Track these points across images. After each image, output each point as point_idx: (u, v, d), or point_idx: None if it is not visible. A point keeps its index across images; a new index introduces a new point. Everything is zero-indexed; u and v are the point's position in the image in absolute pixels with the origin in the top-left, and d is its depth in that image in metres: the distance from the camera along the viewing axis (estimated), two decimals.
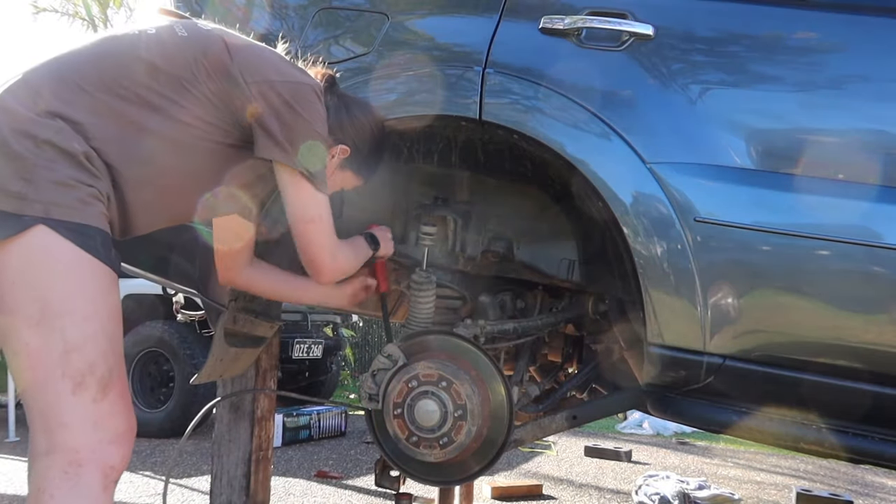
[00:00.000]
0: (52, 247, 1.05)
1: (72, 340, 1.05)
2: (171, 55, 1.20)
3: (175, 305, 4.82)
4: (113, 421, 1.08)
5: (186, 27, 1.25)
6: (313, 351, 5.73)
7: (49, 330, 1.04)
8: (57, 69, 1.15)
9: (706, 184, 1.37)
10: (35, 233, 1.04)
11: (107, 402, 1.07)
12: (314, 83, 1.32)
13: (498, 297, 1.85)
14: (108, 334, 1.09)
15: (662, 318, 1.39)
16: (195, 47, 1.22)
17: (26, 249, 1.04)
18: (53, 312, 1.04)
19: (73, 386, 1.05)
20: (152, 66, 1.18)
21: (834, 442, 1.39)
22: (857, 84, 1.40)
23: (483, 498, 3.47)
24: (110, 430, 1.07)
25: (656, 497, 3.42)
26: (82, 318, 1.06)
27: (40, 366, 1.04)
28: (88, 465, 1.04)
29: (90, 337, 1.06)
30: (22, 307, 1.04)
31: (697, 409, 1.47)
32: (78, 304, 1.06)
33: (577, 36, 1.47)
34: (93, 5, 10.99)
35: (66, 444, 1.04)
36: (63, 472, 1.03)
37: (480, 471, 1.63)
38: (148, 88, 1.17)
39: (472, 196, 1.78)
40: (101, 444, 1.06)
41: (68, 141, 1.07)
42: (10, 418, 4.57)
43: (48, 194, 1.04)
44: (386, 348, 1.62)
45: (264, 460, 2.05)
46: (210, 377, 1.74)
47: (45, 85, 1.12)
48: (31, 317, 1.04)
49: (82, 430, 1.05)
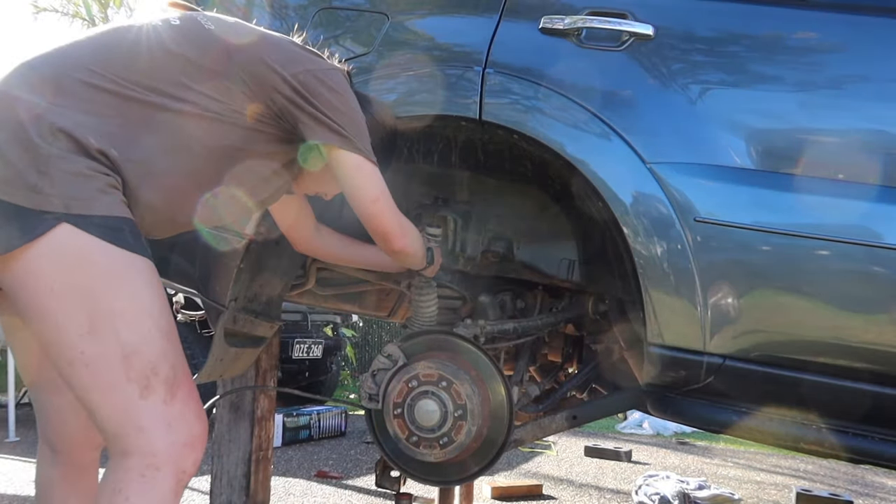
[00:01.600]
0: (85, 248, 1.00)
1: (128, 343, 1.02)
2: (203, 47, 1.16)
3: (175, 305, 4.82)
4: (186, 422, 1.06)
5: (211, 19, 1.22)
6: (313, 351, 5.73)
7: (102, 336, 1.01)
8: (69, 60, 1.09)
9: (706, 184, 1.37)
10: (61, 233, 0.99)
11: (178, 403, 1.05)
12: (343, 69, 1.32)
13: (498, 297, 1.85)
14: (162, 330, 1.06)
15: (662, 318, 1.39)
16: (225, 39, 1.18)
17: (58, 253, 0.99)
18: (103, 317, 1.01)
19: (141, 389, 1.02)
20: (183, 59, 1.14)
21: (834, 442, 1.39)
22: (857, 84, 1.40)
23: (483, 498, 3.47)
24: (184, 432, 1.06)
25: (656, 497, 3.42)
26: (133, 317, 1.03)
27: (101, 373, 1.02)
28: (165, 469, 1.03)
29: (145, 336, 1.03)
30: (68, 316, 1.00)
31: (697, 409, 1.47)
32: (125, 304, 1.03)
33: (577, 36, 1.47)
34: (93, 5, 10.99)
35: (143, 448, 1.03)
36: (141, 475, 1.02)
37: (480, 471, 1.63)
38: (176, 83, 1.13)
39: (472, 196, 1.78)
40: (176, 447, 1.04)
41: (84, 135, 1.02)
42: (10, 418, 4.56)
43: (65, 187, 0.99)
44: (386, 348, 1.62)
45: (264, 460, 2.05)
46: (210, 377, 1.74)
47: (59, 76, 1.07)
48: (81, 325, 1.00)
49: (158, 433, 1.03)
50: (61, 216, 0.98)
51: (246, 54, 1.19)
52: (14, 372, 4.72)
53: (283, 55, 1.22)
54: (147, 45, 1.14)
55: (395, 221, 1.36)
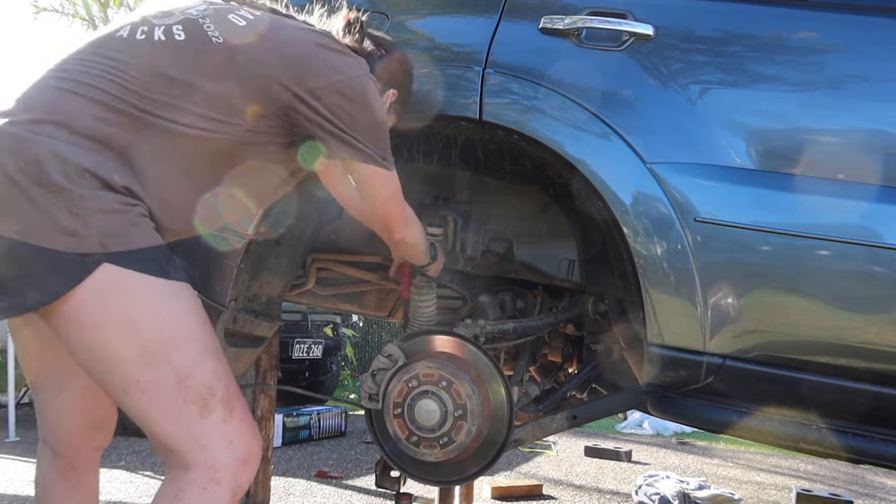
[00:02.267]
0: (126, 283, 1.02)
1: (182, 368, 1.04)
2: (210, 73, 1.12)
3: None
4: (245, 440, 1.10)
5: (219, 29, 1.15)
6: (313, 351, 5.73)
7: (155, 364, 1.03)
8: (61, 87, 1.06)
9: (706, 184, 1.37)
10: (103, 274, 1.00)
11: (235, 421, 1.09)
12: (363, 66, 1.25)
13: (498, 297, 1.85)
14: (210, 350, 1.09)
15: (662, 318, 1.39)
16: (232, 52, 1.13)
17: (99, 292, 1.00)
18: (153, 347, 1.03)
19: (200, 410, 1.06)
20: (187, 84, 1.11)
21: (834, 442, 1.39)
22: (857, 84, 1.40)
23: (483, 498, 3.47)
24: (244, 448, 1.09)
25: (656, 497, 3.42)
26: (182, 343, 1.06)
27: (159, 399, 1.04)
28: (225, 483, 1.07)
29: (197, 360, 1.06)
30: (118, 350, 1.02)
31: (697, 409, 1.47)
32: (173, 331, 1.05)
33: (577, 36, 1.47)
34: (93, 5, 10.99)
35: (206, 463, 1.06)
36: (203, 488, 1.05)
37: (480, 471, 1.63)
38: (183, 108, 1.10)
39: (472, 196, 1.78)
40: (236, 464, 1.08)
41: (109, 172, 1.02)
42: (11, 418, 4.56)
43: (100, 226, 0.99)
44: (386, 348, 1.62)
45: (264, 460, 2.05)
46: None
47: (62, 105, 1.04)
48: (132, 356, 1.02)
49: (219, 449, 1.07)
50: (100, 257, 0.99)
51: (257, 74, 1.14)
52: (14, 372, 4.72)
53: (299, 70, 1.16)
54: (151, 68, 1.10)
55: (400, 215, 1.41)
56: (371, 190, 1.33)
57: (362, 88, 1.21)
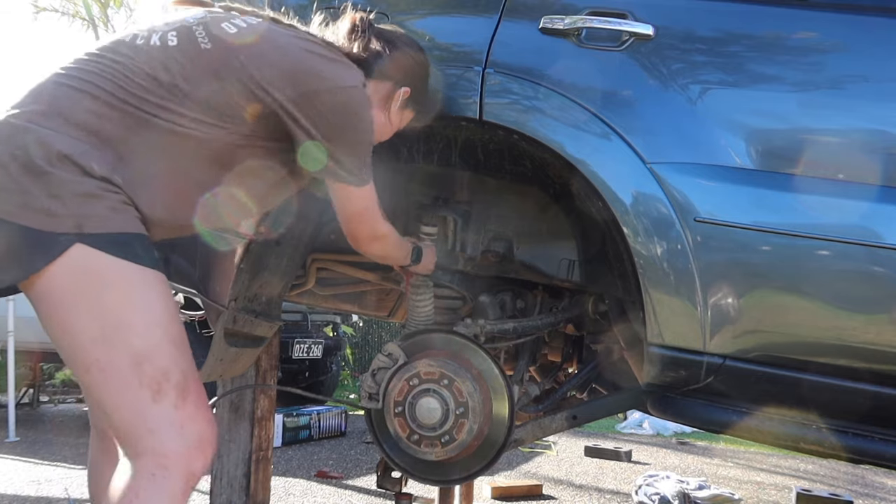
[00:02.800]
0: (96, 263, 1.05)
1: (139, 351, 1.06)
2: (188, 65, 1.15)
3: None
4: (197, 426, 1.10)
5: (210, 37, 1.18)
6: (313, 351, 5.73)
7: (113, 345, 1.06)
8: (64, 83, 1.12)
9: (706, 184, 1.37)
10: (75, 253, 1.04)
11: (189, 407, 1.09)
12: (354, 77, 1.25)
13: (498, 297, 1.85)
14: (172, 339, 1.10)
15: (662, 318, 1.39)
16: (219, 58, 1.17)
17: (70, 271, 1.04)
18: (114, 328, 1.06)
19: (153, 394, 1.07)
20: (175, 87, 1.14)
21: (834, 442, 1.39)
22: (857, 84, 1.40)
23: (483, 498, 3.47)
24: (195, 435, 1.10)
25: (656, 497, 3.42)
26: (144, 327, 1.08)
27: (114, 379, 1.06)
28: (174, 469, 1.07)
29: (156, 345, 1.08)
30: (82, 328, 1.06)
31: (697, 409, 1.47)
32: (136, 315, 1.07)
33: (577, 36, 1.47)
34: (93, 5, 10.99)
35: (154, 449, 1.07)
36: (151, 475, 1.06)
37: (480, 470, 1.63)
38: (173, 109, 1.14)
39: (472, 196, 1.78)
40: (187, 450, 1.08)
41: (88, 161, 1.06)
42: (10, 418, 4.57)
43: (77, 207, 1.04)
44: (386, 347, 1.62)
45: (264, 460, 2.06)
46: (210, 377, 1.73)
47: (58, 100, 1.09)
48: (94, 336, 1.05)
49: (168, 435, 1.07)
50: (74, 237, 1.04)
51: (242, 78, 1.17)
52: (14, 372, 4.72)
53: (283, 76, 1.18)
54: (145, 69, 1.14)
55: (367, 231, 1.41)
56: (339, 204, 1.34)
57: (346, 98, 1.22)
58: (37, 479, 3.46)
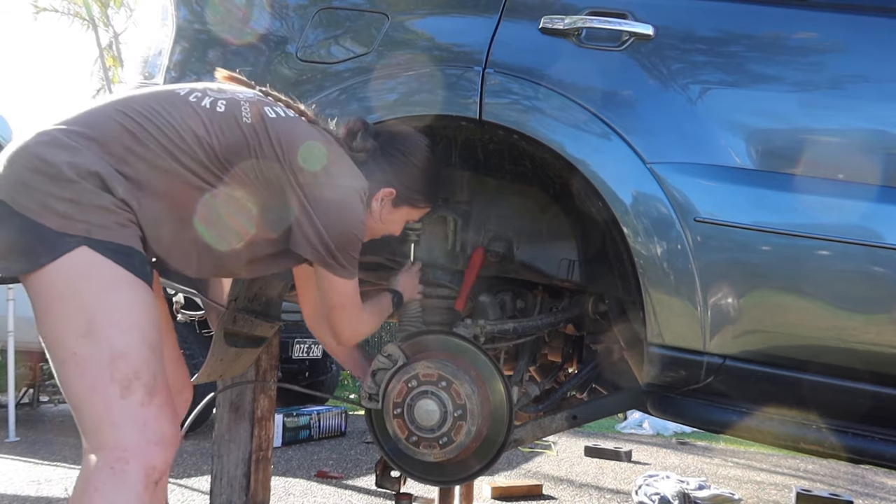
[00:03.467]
0: (96, 264, 1.13)
1: (118, 348, 1.12)
2: (230, 137, 1.25)
3: (175, 305, 4.80)
4: (159, 424, 1.15)
5: (252, 114, 1.29)
6: (313, 351, 5.72)
7: (96, 340, 1.11)
8: (116, 119, 1.20)
9: (706, 184, 1.37)
10: (78, 254, 1.12)
11: (153, 406, 1.15)
12: (357, 180, 1.35)
13: (498, 297, 1.85)
14: (149, 344, 1.16)
15: (662, 318, 1.39)
16: (253, 136, 1.27)
17: (71, 267, 1.11)
18: (100, 324, 1.12)
19: (121, 390, 1.12)
20: (209, 145, 1.24)
21: (834, 442, 1.39)
22: (857, 84, 1.40)
23: (483, 498, 3.47)
24: (156, 432, 1.14)
25: (656, 497, 3.42)
26: (126, 328, 1.14)
27: (89, 372, 1.12)
28: (133, 463, 1.11)
29: (134, 345, 1.14)
30: (69, 320, 1.12)
31: (697, 409, 1.47)
32: (122, 316, 1.14)
33: (577, 36, 1.47)
34: (93, 5, 10.99)
35: (114, 443, 1.12)
36: (110, 467, 1.11)
37: (480, 470, 1.63)
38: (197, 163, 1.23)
39: (472, 196, 1.78)
40: (147, 445, 1.13)
41: (113, 182, 1.15)
42: (10, 418, 4.57)
43: (91, 216, 1.12)
44: (386, 348, 1.62)
45: (264, 460, 2.06)
46: (210, 377, 1.74)
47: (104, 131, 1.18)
48: (79, 328, 1.11)
49: (130, 430, 1.12)
50: (82, 239, 1.12)
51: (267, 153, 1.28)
52: (14, 372, 4.72)
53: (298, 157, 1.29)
54: (188, 124, 1.24)
55: (348, 324, 1.50)
56: (324, 293, 1.43)
57: (343, 195, 1.32)
58: (37, 479, 3.46)
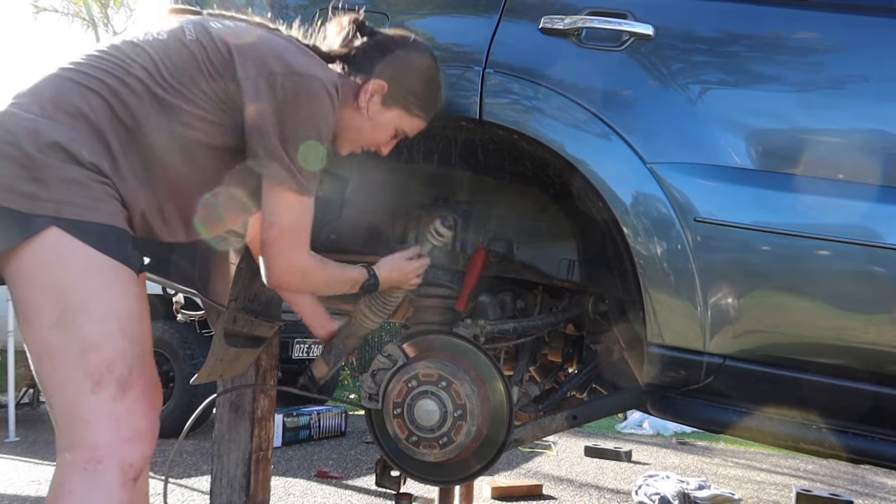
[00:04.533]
0: (67, 249, 1.07)
1: (90, 340, 1.07)
2: (177, 59, 1.19)
3: (175, 305, 4.82)
4: (132, 419, 1.11)
5: (196, 30, 1.23)
6: (313, 351, 5.72)
7: (68, 330, 1.07)
8: (61, 75, 1.15)
9: (706, 184, 1.37)
10: (49, 235, 1.06)
11: (127, 401, 1.10)
12: (320, 70, 1.25)
13: (498, 297, 1.85)
14: (126, 334, 1.11)
15: (662, 318, 1.39)
16: (201, 50, 1.21)
17: (42, 253, 1.06)
18: (72, 314, 1.07)
19: (93, 385, 1.08)
20: (156, 68, 1.18)
21: (834, 442, 1.39)
22: (857, 84, 1.40)
23: (483, 498, 3.47)
24: (130, 428, 1.10)
25: (656, 497, 3.42)
26: (100, 318, 1.08)
27: (61, 365, 1.07)
28: (107, 462, 1.07)
29: (108, 336, 1.09)
30: (42, 309, 1.07)
31: (697, 409, 1.47)
32: (95, 305, 1.08)
33: (577, 36, 1.47)
34: (93, 5, 10.99)
35: (86, 441, 1.07)
36: (83, 468, 1.06)
37: (480, 470, 1.63)
38: (154, 88, 1.17)
39: (472, 196, 1.78)
40: (119, 442, 1.09)
41: (78, 148, 1.08)
42: (10, 418, 4.57)
43: (60, 193, 1.06)
44: (386, 348, 1.62)
45: (264, 460, 2.06)
46: (210, 377, 1.74)
47: (53, 90, 1.12)
48: (51, 318, 1.07)
49: (102, 427, 1.08)
50: (52, 220, 1.06)
51: (215, 63, 1.20)
52: (14, 372, 4.72)
53: (249, 60, 1.21)
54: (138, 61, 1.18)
55: (282, 261, 1.29)
56: (269, 208, 1.24)
57: (304, 89, 1.20)
58: (37, 479, 3.46)
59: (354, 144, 1.41)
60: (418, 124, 1.43)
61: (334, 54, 1.35)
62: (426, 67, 1.40)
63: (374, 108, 1.36)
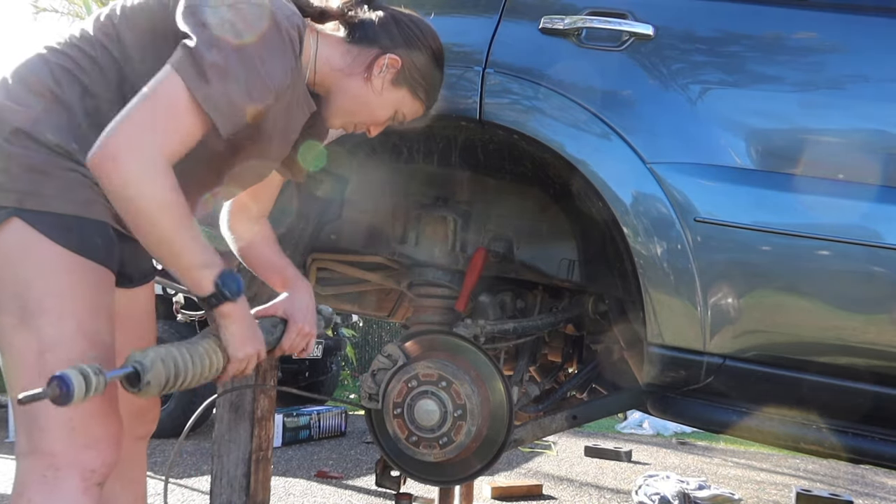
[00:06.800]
0: (28, 242, 1.01)
1: (47, 341, 1.02)
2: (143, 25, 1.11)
3: (175, 305, 4.80)
4: (88, 427, 1.05)
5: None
6: (313, 351, 5.73)
7: (27, 330, 1.02)
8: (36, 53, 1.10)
9: (706, 184, 1.37)
10: (11, 228, 1.01)
11: (84, 407, 1.00)
12: (285, 7, 1.11)
13: (498, 297, 1.85)
14: (87, 334, 1.04)
15: (662, 318, 1.39)
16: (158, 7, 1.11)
17: (3, 246, 1.02)
18: (31, 312, 1.02)
19: None
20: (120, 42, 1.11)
21: (834, 442, 1.39)
22: (857, 84, 1.40)
23: (483, 498, 3.47)
24: (87, 435, 1.04)
25: (656, 497, 3.42)
26: (58, 317, 1.02)
27: (21, 367, 1.03)
28: (66, 470, 1.02)
29: (66, 337, 1.03)
30: (5, 306, 1.02)
31: (697, 409, 1.47)
32: (54, 304, 1.02)
33: (577, 36, 1.47)
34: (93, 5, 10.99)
35: (43, 449, 1.02)
36: (42, 475, 1.02)
37: (480, 470, 1.63)
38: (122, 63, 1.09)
39: (472, 196, 1.78)
40: (77, 449, 1.03)
41: (42, 131, 1.03)
42: (10, 418, 4.57)
43: (22, 183, 1.01)
44: (386, 348, 1.62)
45: (264, 460, 2.05)
46: None
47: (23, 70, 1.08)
48: (13, 316, 1.02)
49: (58, 435, 1.03)
50: (13, 211, 1.01)
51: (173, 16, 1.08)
52: None
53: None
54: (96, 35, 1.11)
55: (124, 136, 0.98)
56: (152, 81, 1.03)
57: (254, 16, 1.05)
58: None
59: (351, 118, 1.30)
60: (418, 109, 1.34)
61: (330, 13, 1.25)
62: (438, 51, 1.33)
63: (385, 84, 1.26)
